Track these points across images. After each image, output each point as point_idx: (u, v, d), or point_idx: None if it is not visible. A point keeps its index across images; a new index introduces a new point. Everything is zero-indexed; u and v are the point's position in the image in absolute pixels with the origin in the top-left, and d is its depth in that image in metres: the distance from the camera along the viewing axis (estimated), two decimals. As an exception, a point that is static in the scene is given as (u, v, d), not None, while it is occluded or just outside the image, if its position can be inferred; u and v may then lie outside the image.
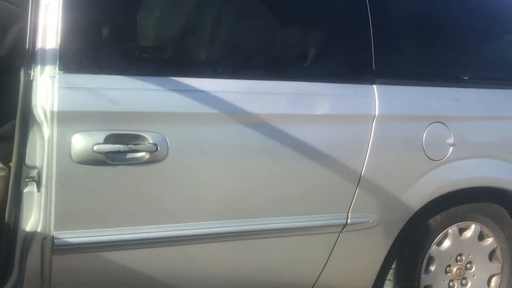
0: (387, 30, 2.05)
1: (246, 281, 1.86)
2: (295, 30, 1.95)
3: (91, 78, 1.57)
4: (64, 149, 1.52)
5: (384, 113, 1.93)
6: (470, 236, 2.20)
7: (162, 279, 1.72)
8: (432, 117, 2.03)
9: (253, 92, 1.77)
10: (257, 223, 1.79)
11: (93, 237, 1.58)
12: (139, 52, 1.67)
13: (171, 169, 1.63)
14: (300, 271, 1.94)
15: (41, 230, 1.56)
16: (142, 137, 1.59)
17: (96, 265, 1.62)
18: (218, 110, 1.70)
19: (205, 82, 1.70)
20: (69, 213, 1.56)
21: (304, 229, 1.86)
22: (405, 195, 1.98)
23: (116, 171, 1.57)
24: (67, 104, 1.53)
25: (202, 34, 1.78)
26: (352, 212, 1.91)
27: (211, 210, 1.72)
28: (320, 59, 1.96)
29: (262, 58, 1.87)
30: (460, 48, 2.21)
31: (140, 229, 1.63)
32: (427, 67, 2.14)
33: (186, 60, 1.76)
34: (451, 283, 2.20)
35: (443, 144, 2.04)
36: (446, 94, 2.10)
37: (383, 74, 1.97)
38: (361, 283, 2.08)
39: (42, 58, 1.55)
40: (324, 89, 1.88)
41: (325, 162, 1.84)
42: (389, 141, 1.94)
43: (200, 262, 1.75)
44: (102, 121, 1.56)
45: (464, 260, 2.21)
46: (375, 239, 2.00)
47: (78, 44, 1.58)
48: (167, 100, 1.64)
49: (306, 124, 1.83)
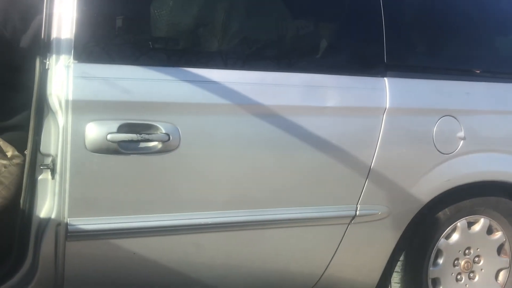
0: (399, 23, 2.05)
1: (255, 270, 1.88)
2: (307, 22, 1.96)
3: (105, 67, 1.59)
4: (78, 137, 1.54)
5: (395, 106, 1.93)
6: (478, 229, 2.20)
7: (172, 266, 1.75)
8: (442, 111, 2.03)
9: (264, 83, 1.78)
10: (267, 213, 1.80)
11: (105, 224, 1.60)
12: (153, 42, 1.69)
13: (183, 158, 1.65)
14: (308, 262, 1.95)
15: (55, 217, 1.58)
16: (154, 126, 1.61)
17: (108, 251, 1.64)
18: (229, 101, 1.71)
19: (217, 73, 1.72)
20: (83, 200, 1.58)
21: (313, 220, 1.88)
22: (415, 188, 1.99)
23: (129, 160, 1.59)
24: (81, 93, 1.55)
25: (214, 25, 1.80)
26: (361, 204, 1.92)
27: (221, 199, 1.74)
28: (331, 51, 1.97)
29: (274, 49, 1.88)
30: (471, 41, 2.20)
31: (151, 217, 1.65)
32: (438, 60, 2.14)
33: (199, 51, 1.78)
34: (458, 276, 2.21)
35: (454, 137, 2.04)
36: (457, 88, 2.09)
37: (395, 67, 1.97)
38: (369, 275, 2.09)
39: (57, 48, 1.57)
40: (335, 81, 1.89)
41: (335, 154, 1.85)
42: (399, 134, 1.95)
43: (210, 251, 1.77)
44: (115, 111, 1.58)
45: (472, 254, 2.21)
46: (384, 231, 2.01)
47: (93, 34, 1.60)
48: (179, 91, 1.65)
49: (317, 116, 1.84)
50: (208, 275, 1.82)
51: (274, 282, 1.95)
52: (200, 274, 1.81)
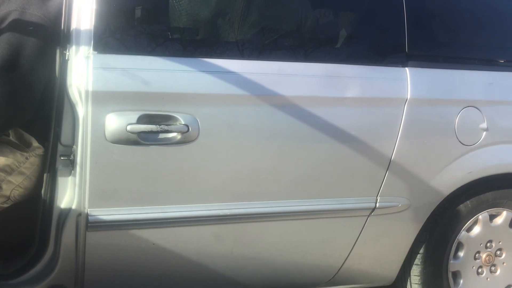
0: (421, 12, 2.01)
1: (273, 262, 1.87)
2: (326, 11, 1.93)
3: (124, 58, 1.59)
4: (98, 128, 1.55)
5: (417, 97, 1.90)
6: (501, 222, 2.17)
7: (190, 257, 1.75)
8: (465, 101, 1.99)
9: (284, 73, 1.76)
10: (285, 204, 1.79)
11: (125, 215, 1.61)
12: (172, 33, 1.68)
13: (202, 149, 1.65)
14: (327, 253, 1.94)
15: (76, 207, 1.60)
16: (174, 117, 1.60)
17: (128, 242, 1.65)
18: (248, 91, 1.70)
19: (236, 63, 1.71)
20: (103, 191, 1.59)
21: (332, 212, 1.87)
22: (436, 180, 1.96)
23: (149, 151, 1.59)
24: (101, 84, 1.55)
25: (233, 15, 1.78)
26: (381, 196, 1.90)
27: (240, 191, 1.73)
28: (352, 40, 1.94)
29: (293, 39, 1.86)
30: (494, 30, 2.15)
31: (171, 208, 1.65)
32: (460, 50, 2.10)
33: (217, 41, 1.77)
34: (479, 270, 2.18)
35: (476, 128, 2.00)
36: (480, 78, 2.05)
37: (416, 57, 1.94)
38: (388, 267, 2.08)
39: (77, 39, 1.58)
40: (355, 71, 1.86)
41: (355, 145, 1.83)
42: (420, 125, 1.92)
43: (228, 242, 1.77)
44: (135, 101, 1.58)
45: (494, 247, 2.18)
46: (404, 224, 1.99)
47: (112, 25, 1.60)
48: (198, 81, 1.64)
49: (337, 107, 1.82)
50: (226, 266, 1.82)
51: (292, 274, 1.94)
52: (218, 265, 1.81)
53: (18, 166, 1.61)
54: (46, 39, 1.61)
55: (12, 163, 1.60)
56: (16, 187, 1.62)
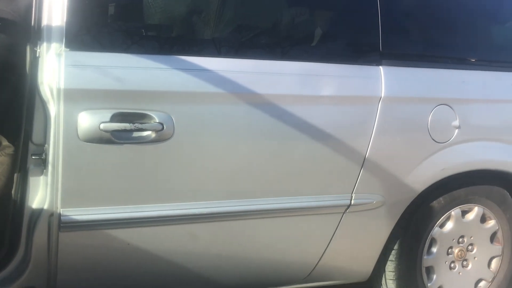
0: (395, 11, 2.03)
1: (249, 260, 1.87)
2: (302, 10, 1.93)
3: (97, 56, 1.56)
4: (71, 127, 1.52)
5: (390, 95, 1.93)
6: (472, 218, 2.21)
7: (166, 257, 1.73)
8: (438, 100, 2.02)
9: (259, 72, 1.76)
10: (261, 203, 1.79)
11: (99, 214, 1.59)
12: (146, 30, 1.66)
13: (177, 148, 1.63)
14: (303, 251, 1.95)
15: (48, 207, 1.57)
16: (148, 116, 1.59)
17: (102, 242, 1.63)
18: (224, 89, 1.69)
19: (212, 61, 1.70)
20: (76, 190, 1.57)
21: (308, 209, 1.87)
22: (410, 177, 1.99)
23: (122, 150, 1.57)
24: (73, 82, 1.52)
25: (209, 13, 1.77)
26: (356, 193, 1.92)
27: (215, 189, 1.72)
28: (326, 39, 1.95)
29: (268, 37, 1.86)
30: (467, 30, 2.19)
31: (145, 207, 1.64)
32: (433, 49, 2.12)
33: (193, 38, 1.75)
34: (452, 264, 2.22)
35: (449, 126, 2.03)
36: (453, 76, 2.09)
37: (390, 56, 1.96)
38: (363, 263, 2.10)
39: (48, 35, 1.54)
40: (330, 70, 1.87)
41: (331, 143, 1.84)
42: (394, 123, 1.94)
43: (204, 241, 1.76)
44: (108, 100, 1.55)
45: (466, 242, 2.22)
46: (378, 220, 2.01)
47: (85, 21, 1.57)
48: (173, 79, 1.63)
49: (312, 105, 1.83)
50: (202, 265, 1.81)
51: (269, 272, 1.94)
52: (194, 265, 1.80)
53: (-13, 166, 1.57)
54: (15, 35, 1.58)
55: (-19, 163, 1.56)
56: (-14, 188, 1.59)
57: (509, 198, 2.27)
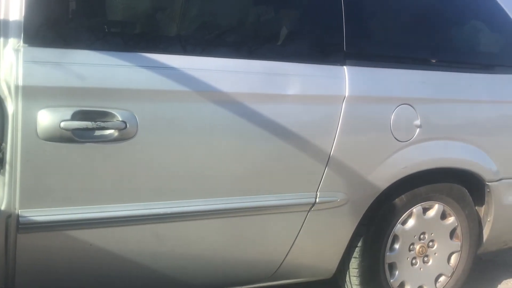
0: (359, 11, 2.06)
1: (215, 259, 1.87)
2: (267, 8, 1.93)
3: (57, 52, 1.52)
4: (30, 125, 1.48)
5: (354, 94, 1.95)
6: (433, 215, 2.27)
7: (130, 257, 1.71)
8: (400, 99, 2.06)
9: (224, 70, 1.76)
10: (227, 201, 1.79)
11: (60, 215, 1.55)
12: (108, 26, 1.63)
13: (141, 146, 1.61)
14: (269, 249, 1.95)
15: (5, 208, 1.51)
16: (110, 114, 1.56)
17: (63, 243, 1.59)
18: (188, 87, 1.68)
19: (176, 59, 1.68)
20: (35, 191, 1.52)
21: (273, 207, 1.88)
22: (373, 175, 2.02)
23: (84, 149, 1.54)
24: (32, 78, 1.48)
25: (173, 9, 1.75)
26: (321, 191, 1.94)
27: (179, 188, 1.71)
28: (291, 38, 1.95)
29: (234, 35, 1.85)
30: (428, 31, 2.24)
31: (108, 207, 1.61)
32: (396, 49, 2.17)
33: (156, 36, 1.73)
34: (413, 261, 2.27)
35: (410, 125, 2.08)
36: (414, 77, 2.13)
37: (354, 56, 1.99)
38: (328, 261, 2.12)
39: (5, 30, 1.49)
40: (295, 69, 1.88)
41: (295, 141, 1.85)
42: (358, 122, 1.97)
43: (168, 240, 1.74)
44: (69, 97, 1.52)
45: (427, 239, 2.28)
46: (343, 218, 2.04)
47: (44, 16, 1.52)
48: (136, 77, 1.61)
49: (277, 104, 1.83)
50: (167, 266, 1.79)
51: (235, 270, 1.94)
52: (159, 265, 1.77)
53: None
54: None
55: None
56: None
57: (468, 195, 2.33)
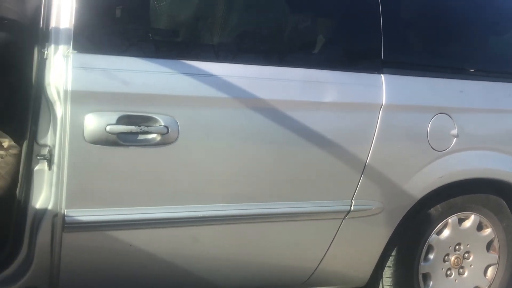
0: (397, 20, 2.06)
1: (249, 264, 1.89)
2: (305, 17, 1.96)
3: (104, 58, 1.58)
4: (77, 128, 1.53)
5: (391, 103, 1.95)
6: (469, 226, 2.24)
7: (167, 259, 1.74)
8: (437, 108, 2.05)
9: (262, 77, 1.78)
10: (262, 207, 1.81)
11: (103, 216, 1.60)
12: (152, 34, 1.68)
13: (181, 151, 1.65)
14: (303, 256, 1.97)
15: (52, 208, 1.57)
16: (153, 119, 1.60)
17: (105, 243, 1.64)
18: (227, 94, 1.71)
19: (216, 66, 1.72)
20: (81, 191, 1.57)
21: (308, 214, 1.89)
22: (408, 184, 2.01)
23: (128, 152, 1.59)
24: (80, 84, 1.54)
25: (214, 18, 1.79)
26: (356, 199, 1.94)
27: (217, 193, 1.74)
28: (328, 46, 1.98)
29: (272, 43, 1.89)
30: (466, 40, 2.23)
31: (149, 209, 1.65)
32: (433, 58, 2.16)
33: (198, 43, 1.77)
34: (448, 272, 2.24)
35: (447, 135, 2.06)
36: (452, 86, 2.12)
37: (391, 64, 1.99)
38: (361, 269, 2.11)
39: (56, 37, 1.56)
40: (332, 77, 1.90)
41: (331, 149, 1.86)
42: (394, 131, 1.97)
43: (205, 244, 1.78)
44: (115, 102, 1.57)
45: (462, 250, 2.25)
46: (377, 227, 2.03)
47: (92, 24, 1.58)
48: (178, 83, 1.65)
49: (314, 111, 1.85)
50: (203, 268, 1.82)
51: (268, 276, 1.96)
52: (194, 267, 1.81)
53: (-8, 165, 1.58)
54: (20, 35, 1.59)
55: (-14, 163, 1.57)
56: (-10, 187, 1.59)
57: (506, 207, 2.29)
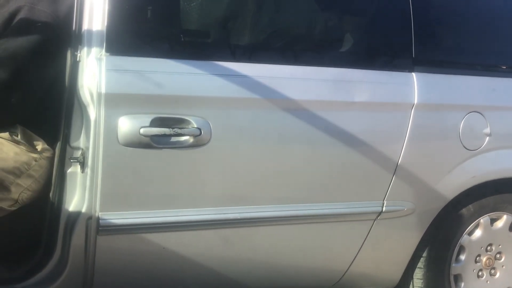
0: (427, 17, 2.03)
1: (282, 265, 1.87)
2: (336, 16, 1.94)
3: (137, 60, 1.57)
4: (111, 131, 1.53)
5: (423, 102, 1.92)
6: (501, 226, 2.20)
7: (200, 261, 1.74)
8: (469, 107, 2.02)
9: (293, 77, 1.77)
10: (295, 208, 1.79)
11: (137, 218, 1.59)
12: (184, 35, 1.67)
13: (214, 153, 1.64)
14: (333, 257, 1.95)
15: (86, 211, 1.57)
16: (186, 121, 1.59)
17: (138, 246, 1.63)
18: (258, 95, 1.70)
19: (247, 67, 1.70)
20: (115, 194, 1.57)
21: (340, 215, 1.87)
22: (440, 184, 1.98)
23: (161, 154, 1.58)
24: (114, 86, 1.53)
25: (244, 18, 1.78)
26: (388, 200, 1.92)
27: (250, 195, 1.73)
28: (359, 45, 1.95)
29: (303, 43, 1.87)
30: (498, 37, 2.18)
31: (182, 211, 1.64)
32: (465, 55, 2.12)
33: (229, 44, 1.76)
34: (480, 273, 2.20)
35: (480, 134, 2.03)
36: (484, 84, 2.09)
37: (423, 62, 1.96)
38: (392, 271, 2.09)
39: (88, 40, 1.55)
40: (363, 76, 1.87)
41: (363, 149, 1.84)
42: (427, 130, 1.94)
43: (238, 246, 1.76)
44: (148, 104, 1.56)
45: (494, 250, 2.21)
46: (409, 228, 2.00)
47: (125, 26, 1.58)
48: (210, 84, 1.64)
49: (345, 111, 1.83)
50: (235, 270, 1.81)
51: (299, 278, 1.94)
52: (226, 269, 1.80)
53: (27, 168, 1.58)
54: (53, 37, 1.59)
55: (21, 165, 1.57)
56: (25, 190, 1.59)
57: (539, 206, 2.25)
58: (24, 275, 1.63)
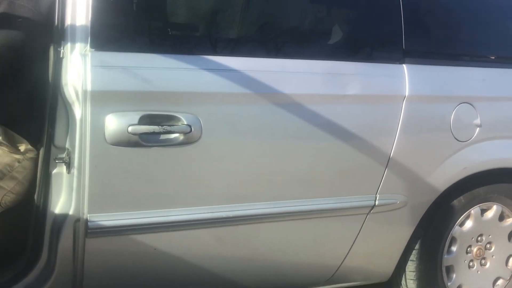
0: (417, 9, 2.01)
1: (276, 262, 1.85)
2: (325, 8, 1.90)
3: (124, 56, 1.51)
4: (98, 130, 1.47)
5: (414, 94, 1.90)
6: (491, 216, 2.21)
7: (192, 261, 1.70)
8: (460, 98, 2.00)
9: (284, 71, 1.73)
10: (288, 205, 1.77)
11: (127, 219, 1.54)
12: (172, 29, 1.62)
13: (205, 150, 1.60)
14: (327, 253, 1.93)
15: (73, 213, 1.52)
16: (176, 117, 1.55)
17: (129, 248, 1.59)
18: (249, 89, 1.66)
19: (237, 61, 1.66)
20: (103, 195, 1.52)
21: (333, 210, 1.85)
22: (432, 176, 1.97)
23: (151, 153, 1.53)
24: (100, 83, 1.47)
25: (234, 12, 1.73)
26: (380, 193, 1.90)
27: (242, 192, 1.69)
28: (350, 38, 1.93)
29: (293, 36, 1.83)
30: (487, 27, 2.17)
31: (174, 211, 1.60)
32: (455, 46, 2.11)
33: (219, 38, 1.71)
34: (471, 263, 2.21)
35: (470, 125, 2.02)
36: (474, 74, 2.07)
37: (413, 54, 1.94)
38: (385, 264, 2.08)
39: (72, 35, 1.49)
40: (354, 69, 1.85)
41: (355, 143, 1.82)
42: (418, 122, 1.92)
43: (231, 244, 1.73)
44: (136, 101, 1.51)
45: (484, 241, 2.22)
46: (401, 221, 1.99)
47: (110, 20, 1.52)
48: (200, 80, 1.59)
49: (336, 104, 1.80)
50: (228, 269, 1.78)
51: (293, 274, 1.92)
52: (220, 268, 1.76)
53: (9, 170, 1.52)
54: (34, 33, 1.52)
55: (3, 168, 1.51)
56: (8, 193, 1.54)
57: (528, 196, 2.26)
58: (10, 281, 1.57)
